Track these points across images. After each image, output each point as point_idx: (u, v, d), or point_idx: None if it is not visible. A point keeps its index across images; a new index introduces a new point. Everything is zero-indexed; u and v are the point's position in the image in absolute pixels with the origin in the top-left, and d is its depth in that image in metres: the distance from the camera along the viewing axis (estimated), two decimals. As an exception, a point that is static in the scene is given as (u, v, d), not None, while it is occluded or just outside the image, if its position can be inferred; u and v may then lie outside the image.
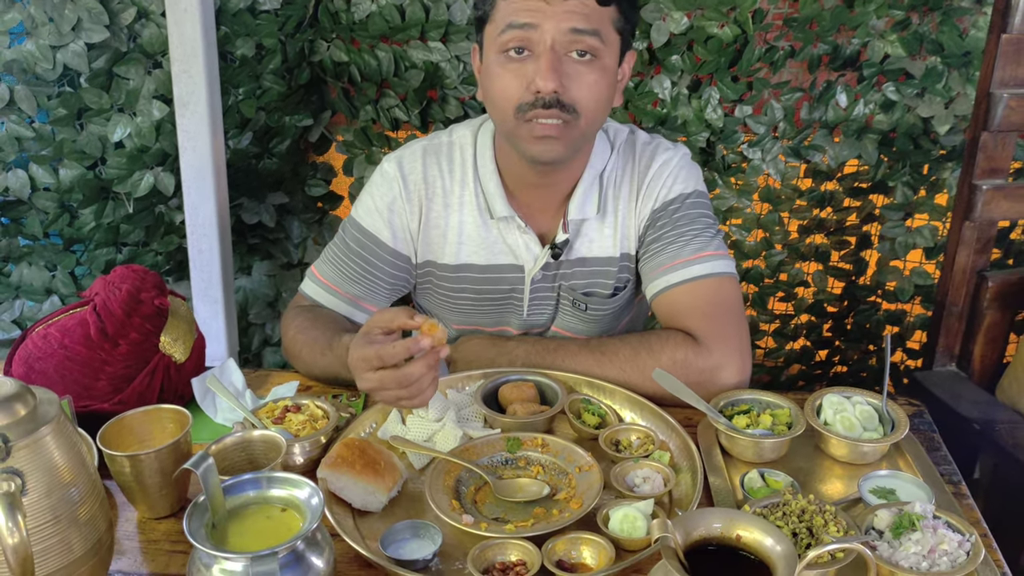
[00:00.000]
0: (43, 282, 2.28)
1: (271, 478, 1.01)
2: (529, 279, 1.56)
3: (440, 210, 1.54)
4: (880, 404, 1.31)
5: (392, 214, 1.54)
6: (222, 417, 1.39)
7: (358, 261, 1.55)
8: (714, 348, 1.39)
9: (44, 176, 2.15)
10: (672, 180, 1.51)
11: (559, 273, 1.57)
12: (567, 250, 1.54)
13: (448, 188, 1.54)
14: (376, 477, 1.17)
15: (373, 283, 1.56)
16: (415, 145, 1.58)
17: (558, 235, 1.53)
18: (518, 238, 1.54)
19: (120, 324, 1.35)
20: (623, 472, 1.22)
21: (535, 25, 1.32)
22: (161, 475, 1.14)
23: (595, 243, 1.55)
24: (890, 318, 2.66)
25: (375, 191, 1.56)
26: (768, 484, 1.20)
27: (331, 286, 1.57)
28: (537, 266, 1.55)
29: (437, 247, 1.57)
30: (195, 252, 2.21)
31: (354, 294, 1.56)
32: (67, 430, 0.94)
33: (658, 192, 1.51)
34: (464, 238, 1.55)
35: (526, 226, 1.52)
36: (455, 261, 1.56)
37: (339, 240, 1.59)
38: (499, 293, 1.58)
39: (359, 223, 1.56)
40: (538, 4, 1.32)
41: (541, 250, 1.54)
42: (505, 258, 1.56)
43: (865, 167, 2.50)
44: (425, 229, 1.55)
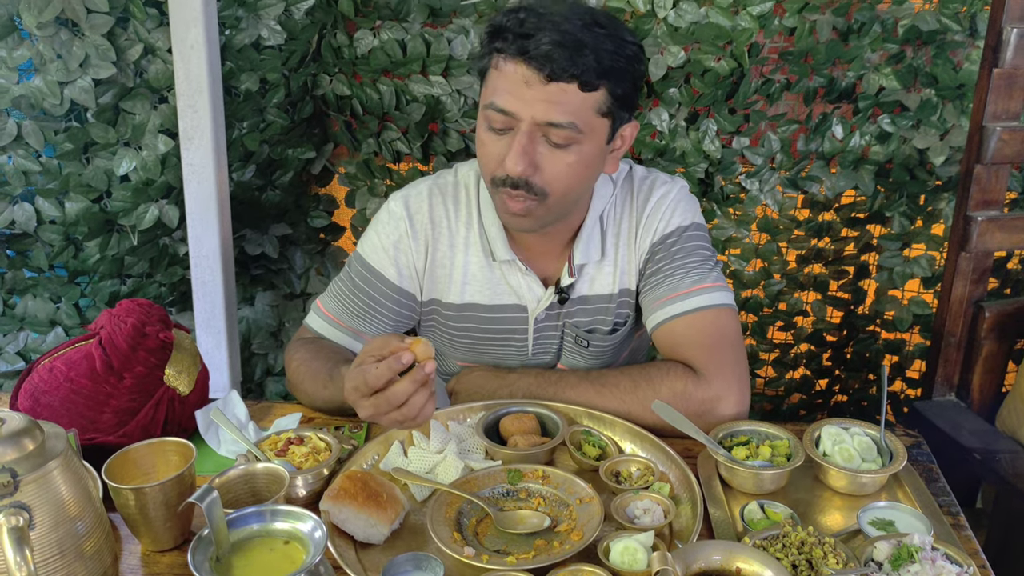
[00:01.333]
0: (47, 314, 2.30)
1: (274, 511, 1.02)
2: (533, 319, 1.58)
3: (446, 250, 1.56)
4: (878, 435, 1.32)
5: (398, 252, 1.55)
6: (225, 449, 1.40)
7: (362, 297, 1.57)
8: (713, 379, 1.40)
9: (50, 209, 2.17)
10: (670, 213, 1.53)
11: (562, 312, 1.59)
12: (570, 291, 1.56)
13: (454, 228, 1.56)
14: (378, 509, 1.18)
15: (376, 319, 1.57)
16: (421, 184, 1.59)
17: (563, 278, 1.55)
18: (520, 280, 1.56)
19: (125, 358, 1.37)
20: (623, 504, 1.22)
21: (513, 113, 1.33)
22: (165, 508, 1.15)
23: (596, 281, 1.57)
24: (889, 347, 2.67)
25: (381, 229, 1.57)
26: (768, 516, 1.20)
27: (335, 320, 1.59)
28: (541, 307, 1.57)
29: (442, 286, 1.58)
30: (198, 283, 2.23)
31: (357, 329, 1.58)
32: (74, 464, 0.95)
33: (656, 226, 1.53)
34: (469, 278, 1.57)
35: (527, 269, 1.54)
36: (460, 300, 1.58)
37: (345, 275, 1.60)
38: (503, 333, 1.60)
39: (365, 260, 1.58)
40: (519, 90, 1.32)
41: (544, 291, 1.56)
42: (508, 298, 1.58)
43: (862, 197, 2.52)
44: (431, 268, 1.57)
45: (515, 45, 1.31)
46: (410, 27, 2.27)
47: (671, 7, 2.26)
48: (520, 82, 1.32)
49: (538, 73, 1.30)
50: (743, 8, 2.27)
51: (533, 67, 1.30)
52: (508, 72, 1.33)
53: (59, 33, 2.04)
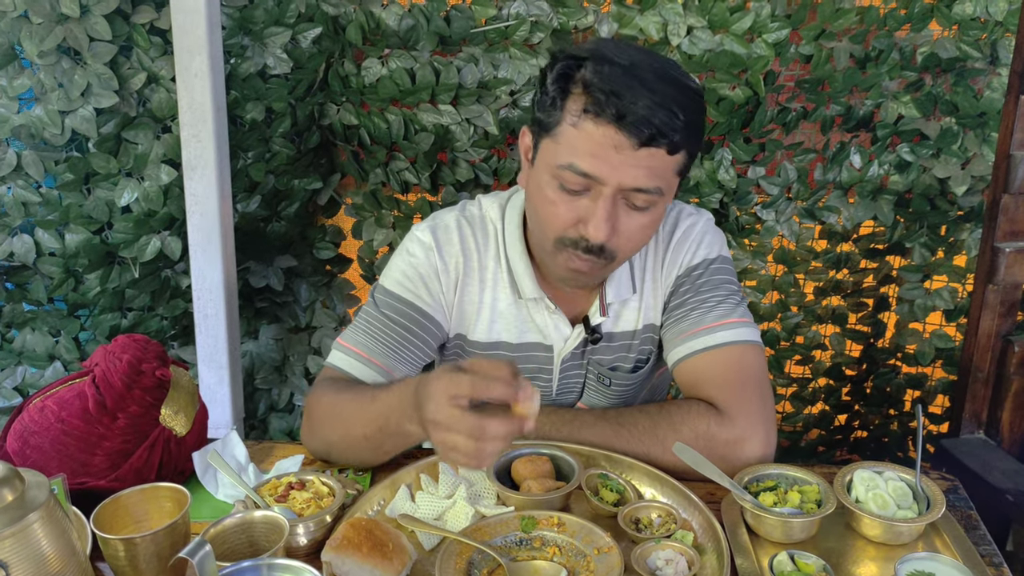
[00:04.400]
0: (46, 348, 2.24)
1: (272, 565, 0.95)
2: (559, 360, 1.52)
3: (475, 285, 1.49)
4: (913, 480, 1.25)
5: (429, 282, 1.47)
6: (223, 493, 1.33)
7: (398, 330, 1.45)
8: (737, 419, 1.33)
9: (50, 241, 2.12)
10: (696, 245, 1.47)
11: (587, 350, 1.52)
12: (598, 329, 1.50)
13: (483, 263, 1.49)
14: (384, 560, 1.11)
15: (411, 354, 1.46)
16: (448, 216, 1.51)
17: (593, 317, 1.48)
18: (547, 319, 1.49)
19: (119, 397, 1.30)
20: (644, 554, 1.15)
21: (598, 178, 1.24)
22: (157, 559, 1.08)
23: (622, 318, 1.51)
24: (911, 382, 2.59)
25: (412, 260, 1.48)
26: (799, 567, 1.13)
27: (366, 357, 1.44)
28: (568, 348, 1.50)
29: (469, 322, 1.51)
30: (201, 317, 2.18)
31: (391, 366, 1.45)
32: (57, 516, 0.89)
33: (682, 258, 1.47)
34: (496, 315, 1.50)
35: (556, 307, 1.48)
36: (486, 338, 1.51)
37: (371, 312, 1.48)
38: (528, 372, 1.53)
39: (396, 293, 1.47)
40: (607, 155, 1.22)
41: (571, 331, 1.50)
42: (533, 336, 1.51)
43: (881, 228, 2.46)
44: (460, 303, 1.50)
45: (609, 109, 1.20)
46: (419, 55, 2.23)
47: (685, 35, 2.21)
48: (609, 146, 1.22)
49: (631, 139, 1.21)
50: (758, 35, 2.23)
51: (626, 133, 1.20)
52: (594, 134, 1.22)
53: (60, 62, 2.00)
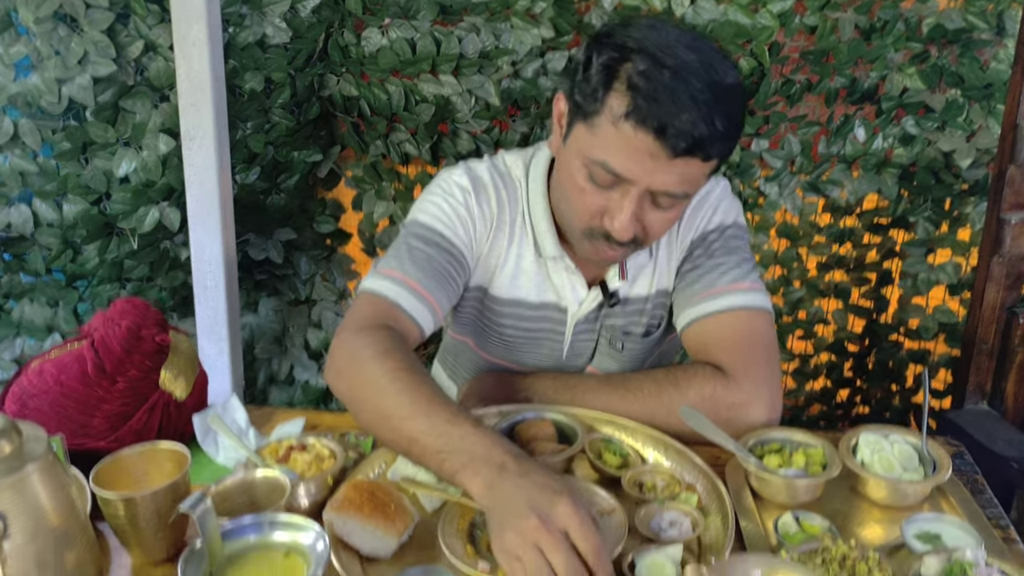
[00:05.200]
0: (44, 319, 2.23)
1: (273, 521, 0.94)
2: (573, 322, 1.50)
3: (504, 239, 1.46)
4: (919, 444, 1.24)
5: (465, 224, 1.42)
6: (224, 457, 1.32)
7: (443, 264, 1.38)
8: (743, 383, 1.32)
9: (47, 212, 2.11)
10: (712, 211, 1.46)
11: (602, 314, 1.51)
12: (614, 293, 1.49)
13: (513, 218, 1.46)
14: (386, 521, 1.10)
15: (451, 290, 1.39)
16: (479, 166, 1.47)
17: (612, 281, 1.46)
18: (564, 279, 1.47)
19: (119, 361, 1.29)
20: (648, 516, 1.14)
21: (628, 180, 1.22)
22: (157, 518, 1.07)
23: (637, 281, 1.49)
24: (913, 356, 2.58)
25: (451, 201, 1.42)
26: (803, 529, 1.12)
27: (413, 285, 1.33)
28: (583, 310, 1.49)
29: (492, 275, 1.48)
30: (200, 288, 2.16)
31: (438, 300, 1.35)
32: (55, 470, 0.88)
33: (698, 223, 1.46)
34: (519, 271, 1.47)
35: (576, 268, 1.46)
36: (507, 295, 1.49)
37: (413, 243, 1.39)
38: (541, 333, 1.51)
39: (435, 228, 1.40)
40: (641, 159, 1.19)
41: (587, 293, 1.48)
42: (550, 297, 1.49)
43: (885, 202, 2.45)
44: (487, 255, 1.46)
45: (652, 120, 1.16)
46: (419, 25, 2.21)
47: (688, 4, 2.19)
48: (644, 152, 1.19)
49: (667, 150, 1.18)
50: (763, 6, 2.20)
51: (663, 144, 1.17)
52: (632, 139, 1.18)
53: (57, 29, 1.98)
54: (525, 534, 0.95)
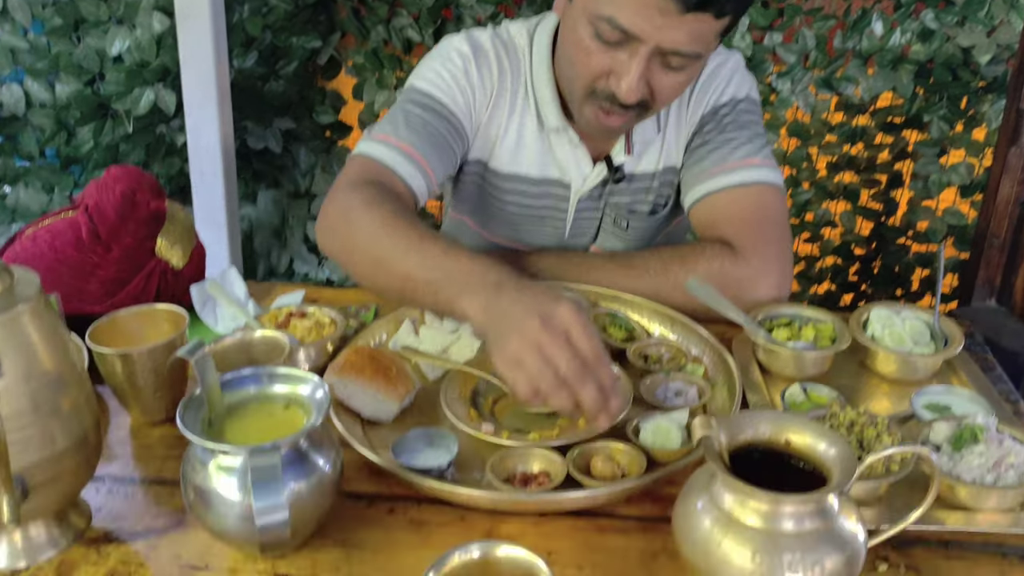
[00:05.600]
0: (40, 204, 2.19)
1: (273, 374, 0.92)
2: (576, 199, 1.46)
3: (504, 110, 1.41)
4: (931, 319, 1.22)
5: (464, 92, 1.37)
6: (223, 327, 1.30)
7: (439, 130, 1.34)
8: (752, 258, 1.29)
9: (40, 91, 2.05)
10: (724, 84, 1.40)
11: (606, 191, 1.46)
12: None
13: (514, 89, 1.41)
14: (387, 385, 1.08)
15: (446, 158, 1.35)
16: (481, 35, 1.41)
17: (617, 156, 1.41)
18: (568, 153, 1.42)
19: (113, 227, 1.26)
20: (653, 385, 1.13)
21: (637, 36, 1.15)
22: (155, 375, 1.05)
23: (643, 157, 1.44)
24: (920, 260, 2.56)
25: (450, 67, 1.37)
26: (811, 398, 1.10)
27: (408, 150, 1.29)
28: (587, 186, 1.44)
29: (492, 149, 1.44)
30: (197, 175, 2.12)
31: (433, 168, 1.31)
32: (49, 315, 0.85)
33: (710, 96, 1.40)
34: (520, 145, 1.42)
35: (579, 140, 1.40)
36: (507, 169, 1.44)
37: (409, 108, 1.35)
38: (543, 209, 1.47)
39: (430, 93, 1.36)
40: (650, 15, 1.13)
41: (592, 169, 1.43)
42: (553, 172, 1.44)
43: (899, 100, 2.39)
44: (486, 126, 1.41)
45: None
46: (423, -99, 2.11)
47: None
48: (653, 7, 1.12)
49: (678, 4, 1.11)
50: None
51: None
52: None
53: None
54: (526, 335, 0.92)
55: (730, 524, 0.79)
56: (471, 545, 0.74)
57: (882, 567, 0.89)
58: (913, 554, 0.90)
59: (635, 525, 0.93)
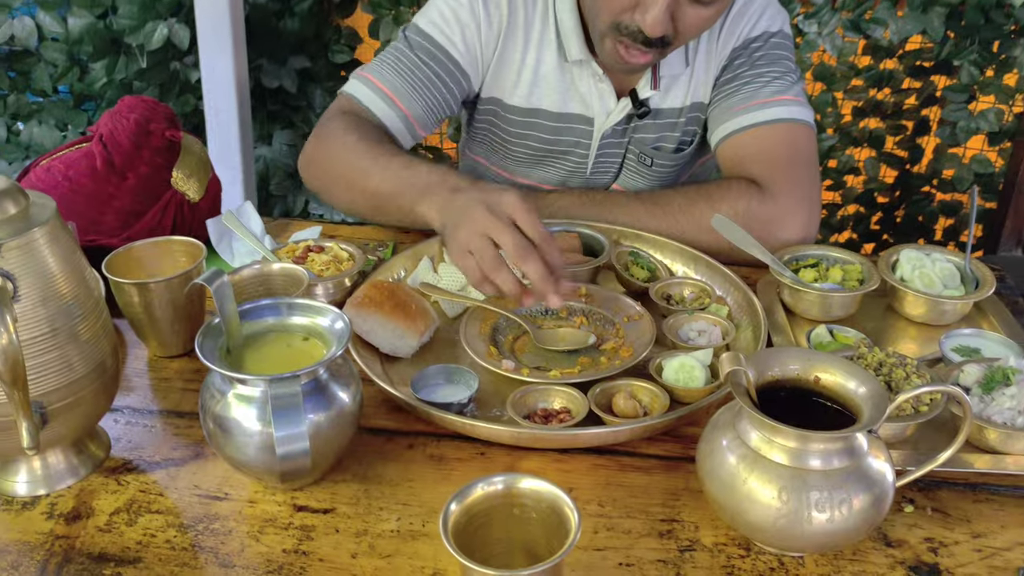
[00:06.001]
0: (54, 141, 2.17)
1: (292, 304, 0.91)
2: (599, 134, 1.42)
3: (519, 44, 1.37)
4: (962, 262, 1.19)
5: (466, 31, 1.34)
6: (239, 261, 1.28)
7: (426, 71, 1.34)
8: (779, 197, 1.26)
9: (52, 24, 2.01)
10: (757, 17, 1.36)
11: (631, 127, 1.42)
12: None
13: (530, 20, 1.36)
14: (407, 319, 1.07)
15: (435, 101, 1.36)
16: None
17: (643, 90, 1.37)
18: (592, 87, 1.38)
19: (128, 156, 1.24)
20: (676, 325, 1.11)
21: None
22: (173, 308, 1.04)
23: (670, 93, 1.40)
24: (944, 209, 2.51)
25: (453, 4, 1.35)
26: (837, 340, 1.08)
27: (390, 95, 1.33)
28: (610, 122, 1.40)
29: (507, 85, 1.40)
30: (212, 113, 2.09)
31: (413, 111, 1.34)
32: (65, 239, 0.83)
33: (741, 29, 1.36)
34: (539, 79, 1.39)
35: (603, 74, 1.36)
36: (525, 104, 1.41)
37: (401, 48, 1.36)
38: (564, 146, 1.44)
39: (429, 34, 1.35)
40: None
41: (616, 104, 1.39)
42: (575, 107, 1.40)
43: (929, 44, 2.32)
44: (499, 62, 1.38)
45: None
46: None
47: None
48: None
49: None
50: None
51: None
52: None
53: None
54: (475, 223, 0.99)
55: (756, 461, 0.78)
56: (495, 477, 0.73)
57: (908, 508, 0.87)
58: (940, 496, 0.89)
59: (657, 464, 0.92)
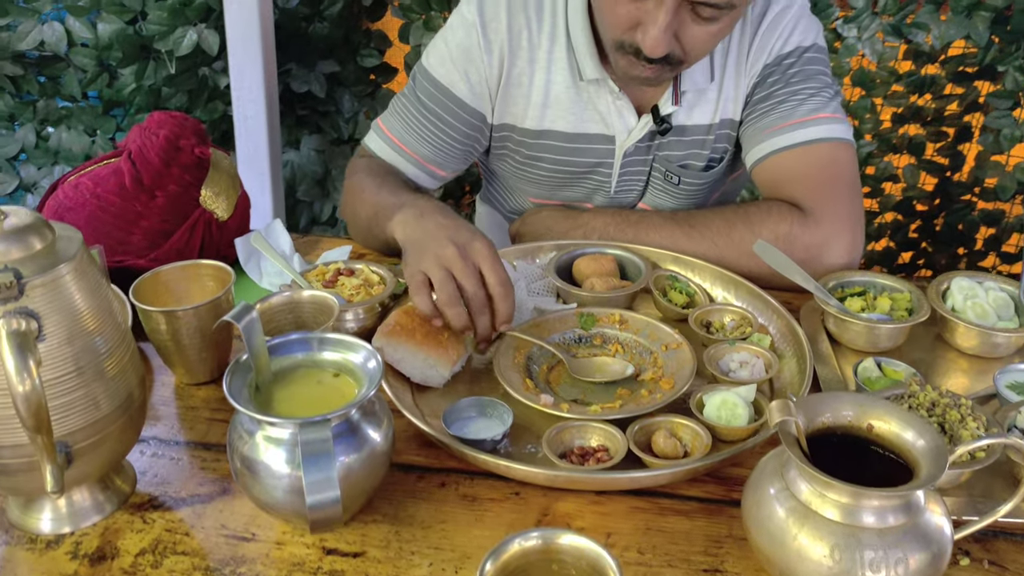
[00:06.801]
0: (83, 147, 2.16)
1: (323, 339, 0.88)
2: (621, 152, 1.38)
3: (524, 66, 1.34)
4: (1017, 292, 1.14)
5: (469, 65, 1.34)
6: (267, 282, 1.26)
7: (430, 117, 1.37)
8: (823, 220, 1.22)
9: (81, 30, 2.00)
10: (789, 31, 1.31)
11: (655, 144, 1.38)
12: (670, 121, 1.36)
13: (535, 41, 1.34)
14: (439, 349, 1.04)
15: (445, 143, 1.38)
16: None
17: (663, 106, 1.33)
18: (610, 104, 1.34)
19: (157, 173, 1.22)
20: (717, 355, 1.07)
21: None
22: (201, 335, 1.01)
23: (696, 109, 1.35)
24: (986, 219, 2.44)
25: (450, 37, 1.35)
26: (886, 374, 1.04)
27: (398, 143, 1.39)
28: (632, 139, 1.36)
29: (518, 109, 1.38)
30: (240, 119, 2.07)
31: (422, 155, 1.38)
32: (92, 273, 0.81)
33: (773, 44, 1.31)
34: (550, 100, 1.36)
35: (620, 91, 1.33)
36: (537, 126, 1.38)
37: (408, 92, 1.40)
38: (584, 167, 1.40)
39: (431, 74, 1.37)
40: None
41: (637, 121, 1.35)
42: (594, 126, 1.37)
43: (973, 49, 2.25)
44: (505, 87, 1.36)
45: None
46: None
47: None
48: None
49: None
50: None
51: None
52: None
53: None
54: (441, 259, 1.02)
55: (807, 516, 0.74)
56: (531, 532, 0.70)
57: (964, 561, 0.83)
58: (997, 548, 0.85)
59: (698, 507, 0.89)
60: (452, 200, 2.48)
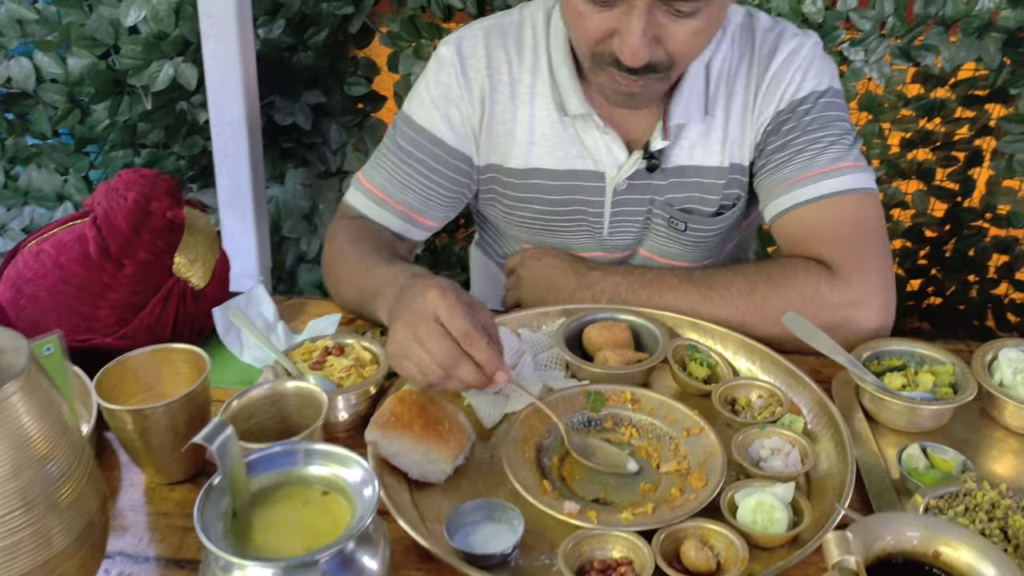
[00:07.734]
0: (54, 187, 2.05)
1: (310, 450, 0.77)
2: (611, 189, 1.29)
3: (506, 103, 1.27)
4: (1070, 363, 1.04)
5: (450, 105, 1.27)
6: (249, 355, 1.16)
7: (412, 164, 1.30)
8: (852, 280, 1.12)
9: (50, 65, 1.89)
10: (802, 75, 1.22)
11: (652, 185, 1.29)
12: (664, 158, 1.26)
13: (516, 77, 1.27)
14: (439, 441, 0.94)
15: (431, 191, 1.31)
16: (476, 25, 1.30)
17: (654, 141, 1.25)
18: (597, 139, 1.26)
19: (125, 240, 1.11)
20: (745, 442, 0.97)
21: None
22: (173, 434, 0.91)
23: (698, 149, 1.26)
24: (998, 246, 2.36)
25: (430, 79, 1.29)
26: (933, 463, 0.94)
27: (381, 196, 1.32)
28: (622, 175, 1.27)
29: (503, 148, 1.30)
30: (221, 155, 1.96)
31: (408, 205, 1.31)
32: (41, 387, 0.71)
33: (784, 89, 1.22)
34: (535, 137, 1.28)
35: (605, 125, 1.24)
36: (523, 165, 1.30)
37: (390, 140, 1.33)
38: (574, 204, 1.31)
39: (411, 119, 1.30)
40: None
41: (627, 157, 1.26)
42: (581, 163, 1.28)
43: (984, 72, 2.17)
44: (489, 126, 1.29)
45: None
46: None
47: None
48: None
49: None
50: None
51: None
52: None
53: None
54: (406, 330, 0.95)
55: (872, 666, 0.65)
56: None
57: None
58: None
59: (737, 633, 0.79)
60: (446, 233, 2.38)
